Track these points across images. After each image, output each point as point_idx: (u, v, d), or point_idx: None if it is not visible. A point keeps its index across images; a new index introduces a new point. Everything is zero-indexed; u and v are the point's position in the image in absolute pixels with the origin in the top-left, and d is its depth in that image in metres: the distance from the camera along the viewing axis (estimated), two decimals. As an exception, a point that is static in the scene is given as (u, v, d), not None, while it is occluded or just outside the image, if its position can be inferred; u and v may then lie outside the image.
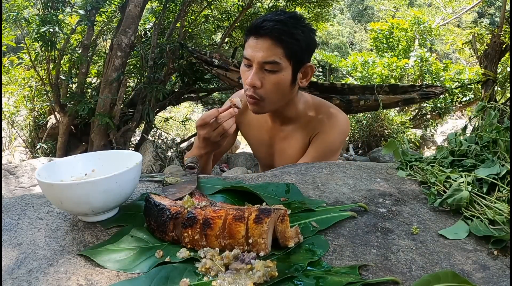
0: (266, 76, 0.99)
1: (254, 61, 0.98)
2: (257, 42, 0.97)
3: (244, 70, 1.03)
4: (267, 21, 0.96)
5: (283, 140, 1.20)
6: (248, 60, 1.00)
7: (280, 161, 1.22)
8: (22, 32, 4.41)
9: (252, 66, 1.00)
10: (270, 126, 1.20)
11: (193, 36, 5.35)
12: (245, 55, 1.01)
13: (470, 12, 12.83)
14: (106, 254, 0.57)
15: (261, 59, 0.97)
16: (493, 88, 3.84)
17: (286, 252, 0.57)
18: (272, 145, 1.22)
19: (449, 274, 0.47)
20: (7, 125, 5.11)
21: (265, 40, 0.96)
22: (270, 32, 0.96)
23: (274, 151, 1.23)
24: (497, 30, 3.78)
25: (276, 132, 1.19)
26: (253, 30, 0.98)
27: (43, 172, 0.67)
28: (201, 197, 0.72)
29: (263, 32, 0.96)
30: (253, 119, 1.24)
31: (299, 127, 1.17)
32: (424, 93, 3.63)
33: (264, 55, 0.97)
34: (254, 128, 1.25)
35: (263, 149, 1.25)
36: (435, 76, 6.49)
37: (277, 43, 0.96)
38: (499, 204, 0.65)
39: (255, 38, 0.98)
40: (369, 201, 0.74)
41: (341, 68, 8.21)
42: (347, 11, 19.72)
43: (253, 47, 0.98)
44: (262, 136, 1.23)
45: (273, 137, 1.21)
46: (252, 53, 0.98)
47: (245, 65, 1.03)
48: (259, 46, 0.97)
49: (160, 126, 5.89)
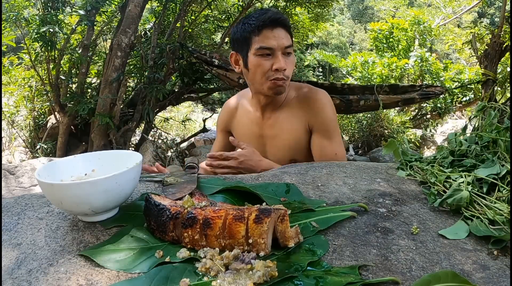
0: (287, 59, 1.14)
1: (277, 48, 1.11)
2: (274, 32, 1.11)
3: (263, 61, 1.13)
4: (275, 15, 1.12)
5: (273, 126, 1.25)
6: (270, 49, 1.12)
7: (272, 149, 1.26)
8: (22, 32, 4.41)
9: (271, 55, 1.12)
10: (259, 117, 1.27)
11: (193, 36, 5.35)
12: (265, 46, 1.11)
13: (470, 12, 12.83)
14: (106, 254, 0.57)
15: (285, 45, 1.12)
16: (493, 88, 3.84)
17: (286, 252, 0.57)
18: (263, 135, 1.27)
19: (449, 274, 0.47)
20: (7, 125, 5.11)
21: (280, 29, 1.12)
22: (283, 22, 1.13)
23: (266, 140, 1.27)
24: (497, 30, 3.78)
25: (265, 120, 1.26)
26: (269, 23, 1.11)
27: (43, 172, 0.67)
28: (201, 197, 0.72)
29: (279, 23, 1.12)
30: (242, 117, 1.32)
31: (287, 110, 1.24)
32: (424, 93, 3.63)
33: (285, 41, 1.12)
34: (245, 124, 1.31)
35: (255, 141, 1.29)
36: (435, 76, 6.49)
37: (287, 29, 1.14)
38: (499, 204, 0.65)
39: (271, 30, 1.11)
40: (369, 201, 0.74)
41: (341, 68, 8.21)
42: (347, 11, 19.72)
43: (274, 36, 1.11)
44: (253, 129, 1.29)
45: (263, 126, 1.27)
46: (274, 42, 1.11)
47: (261, 56, 1.13)
48: (278, 35, 1.12)
49: (160, 126, 5.89)
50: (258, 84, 1.18)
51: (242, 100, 1.34)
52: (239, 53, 1.19)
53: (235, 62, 1.23)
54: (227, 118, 1.37)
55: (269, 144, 1.27)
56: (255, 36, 1.12)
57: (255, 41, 1.12)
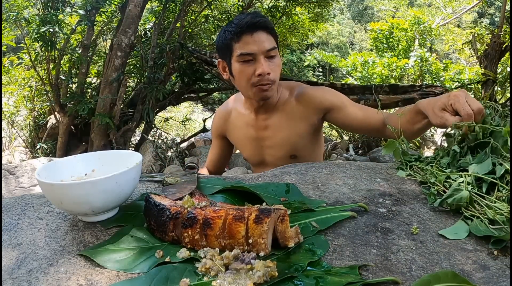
0: (271, 62, 1.11)
1: (259, 53, 1.08)
2: (254, 37, 1.08)
3: (245, 67, 1.11)
4: (253, 18, 1.08)
5: (268, 128, 1.24)
6: (250, 55, 1.09)
7: (270, 150, 1.26)
8: (22, 32, 4.41)
9: (253, 60, 1.09)
10: (253, 119, 1.26)
11: (193, 36, 5.35)
12: (246, 52, 1.08)
13: (470, 12, 12.83)
14: (106, 254, 0.57)
15: (266, 48, 1.09)
16: (493, 88, 3.84)
17: (286, 252, 0.57)
18: (259, 137, 1.27)
19: (449, 274, 0.47)
20: (7, 125, 5.11)
21: (260, 33, 1.09)
22: (263, 25, 1.09)
23: (263, 142, 1.27)
24: (497, 30, 3.78)
25: (260, 122, 1.25)
26: (246, 29, 1.08)
27: (43, 172, 0.68)
28: (201, 197, 0.72)
29: (258, 26, 1.08)
30: (238, 121, 1.31)
31: (283, 110, 1.23)
32: (424, 93, 3.63)
33: (266, 45, 1.09)
34: (240, 127, 1.31)
35: (253, 144, 1.29)
36: (435, 76, 6.48)
37: (269, 32, 1.11)
38: (499, 204, 0.65)
39: (250, 35, 1.08)
40: (369, 201, 0.74)
41: (341, 68, 8.21)
42: (347, 11, 19.72)
43: (253, 41, 1.08)
44: (248, 131, 1.28)
45: (258, 129, 1.26)
46: (255, 47, 1.08)
47: (244, 63, 1.10)
48: (259, 39, 1.08)
49: (160, 126, 5.89)
50: (244, 90, 1.17)
51: (235, 104, 1.33)
52: (224, 61, 1.17)
53: (222, 69, 1.22)
54: (221, 123, 1.37)
55: (266, 145, 1.27)
56: (235, 43, 1.09)
57: (236, 48, 1.10)
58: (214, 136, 1.43)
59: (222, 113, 1.37)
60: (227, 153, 1.45)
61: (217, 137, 1.41)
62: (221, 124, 1.37)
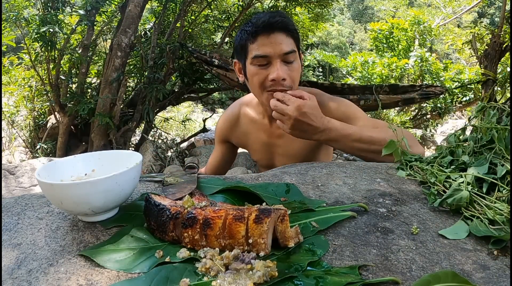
0: (288, 66, 1.03)
1: (274, 56, 1.01)
2: (270, 38, 1.00)
3: (259, 70, 1.04)
4: (271, 18, 1.00)
5: (283, 136, 1.19)
6: (265, 57, 1.02)
7: (281, 158, 1.22)
8: (22, 32, 4.40)
9: (268, 64, 1.02)
10: (267, 124, 1.21)
11: (193, 36, 5.35)
12: (260, 54, 1.01)
13: (470, 12, 12.83)
14: (106, 254, 0.57)
15: (283, 51, 1.01)
16: (493, 88, 3.84)
17: (286, 252, 0.57)
18: (271, 143, 1.23)
19: (449, 274, 0.47)
20: (7, 125, 5.11)
21: (278, 34, 1.01)
22: (281, 25, 1.01)
23: (275, 148, 1.23)
24: (497, 30, 3.78)
25: (274, 129, 1.20)
26: (262, 29, 1.01)
27: (43, 172, 0.67)
28: (201, 197, 0.72)
29: (275, 27, 1.00)
30: (248, 126, 1.26)
31: None
32: (424, 93, 3.63)
33: (284, 47, 1.01)
34: (250, 132, 1.26)
35: (264, 149, 1.25)
36: (435, 76, 6.49)
37: (288, 34, 1.02)
38: (499, 204, 0.65)
39: (266, 36, 1.01)
40: (369, 201, 0.74)
41: (341, 68, 8.21)
42: (347, 11, 19.72)
43: (270, 43, 1.01)
44: (259, 136, 1.24)
45: (271, 135, 1.22)
46: (270, 49, 1.00)
47: (258, 65, 1.04)
48: (275, 41, 1.01)
49: (160, 126, 5.89)
50: (257, 94, 1.10)
51: (244, 108, 1.27)
52: (240, 62, 1.11)
53: (238, 71, 1.15)
54: (227, 128, 1.32)
55: (278, 152, 1.23)
56: (251, 43, 1.03)
57: (251, 49, 1.03)
58: (218, 141, 1.38)
59: (229, 117, 1.31)
60: (229, 159, 1.41)
61: (221, 141, 1.37)
62: (226, 129, 1.32)
